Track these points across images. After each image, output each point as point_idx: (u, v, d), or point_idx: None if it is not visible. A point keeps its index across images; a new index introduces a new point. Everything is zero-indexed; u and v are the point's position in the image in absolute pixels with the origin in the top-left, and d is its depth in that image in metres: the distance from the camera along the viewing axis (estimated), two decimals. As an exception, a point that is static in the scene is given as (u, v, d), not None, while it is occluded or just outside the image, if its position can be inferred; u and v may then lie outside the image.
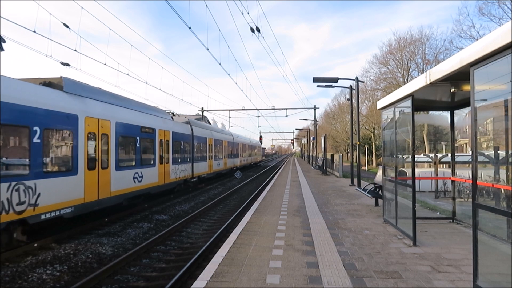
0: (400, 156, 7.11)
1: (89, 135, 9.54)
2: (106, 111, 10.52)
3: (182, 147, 16.91)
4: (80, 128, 9.15)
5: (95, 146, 9.83)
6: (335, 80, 16.26)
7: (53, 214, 8.03)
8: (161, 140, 14.21)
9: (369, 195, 10.16)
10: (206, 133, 21.90)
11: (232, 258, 5.35)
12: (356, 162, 18.86)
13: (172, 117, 17.54)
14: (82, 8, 11.69)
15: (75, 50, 12.17)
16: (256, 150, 50.16)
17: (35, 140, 7.62)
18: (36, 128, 7.64)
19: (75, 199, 8.80)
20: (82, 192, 9.11)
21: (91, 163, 9.61)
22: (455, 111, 7.66)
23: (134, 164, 12.05)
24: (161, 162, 14.15)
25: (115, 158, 10.79)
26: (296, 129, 75.24)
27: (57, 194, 8.17)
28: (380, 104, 7.61)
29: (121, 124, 11.22)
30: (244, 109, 38.11)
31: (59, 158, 8.65)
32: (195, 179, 18.88)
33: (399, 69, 39.27)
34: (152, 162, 13.42)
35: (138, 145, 12.24)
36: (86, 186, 9.27)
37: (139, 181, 12.25)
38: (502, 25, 3.17)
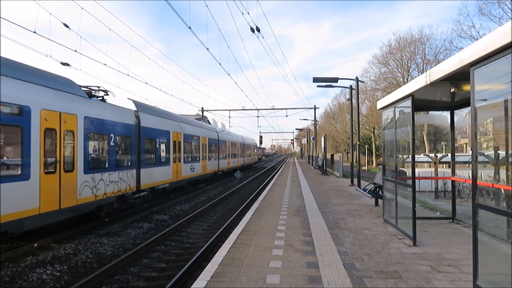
0: (400, 156, 7.11)
1: None
2: None
3: (113, 143, 10.66)
4: None
5: None
6: (335, 80, 16.26)
7: None
8: (48, 129, 8.04)
9: (369, 195, 10.16)
10: (167, 124, 15.20)
11: (232, 258, 5.35)
12: (356, 162, 18.87)
13: (103, 96, 11.16)
14: (82, 8, 11.70)
15: (75, 51, 12.19)
16: (251, 150, 44.09)
17: None
18: None
19: None
20: None
21: None
22: (455, 111, 7.66)
23: None
24: (49, 171, 8.01)
25: None
26: (296, 129, 75.33)
27: None
28: (380, 104, 7.61)
29: None
30: (244, 109, 38.15)
31: None
32: (143, 193, 12.44)
33: (399, 69, 39.34)
34: (19, 172, 7.20)
35: None
36: None
37: None
38: (502, 25, 3.17)
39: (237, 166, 33.32)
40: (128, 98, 13.15)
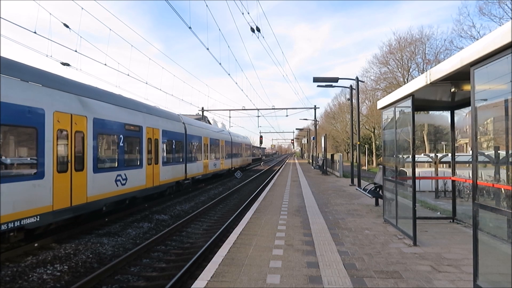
0: (400, 156, 7.11)
1: None
2: None
3: None
4: None
5: None
6: (335, 80, 16.27)
7: None
8: None
9: (369, 195, 10.15)
10: (33, 97, 7.50)
11: (232, 258, 5.35)
12: (356, 162, 18.86)
13: None
14: (82, 8, 11.70)
15: (75, 51, 12.18)
16: (243, 149, 36.90)
17: None
18: None
19: None
20: None
21: None
22: (455, 111, 7.66)
23: None
24: None
25: None
26: (296, 129, 75.41)
27: None
28: (380, 104, 7.61)
29: None
30: (244, 109, 38.15)
31: None
32: None
33: (399, 69, 39.31)
34: None
35: None
36: None
37: None
38: (502, 25, 3.17)
39: (220, 170, 25.80)
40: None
